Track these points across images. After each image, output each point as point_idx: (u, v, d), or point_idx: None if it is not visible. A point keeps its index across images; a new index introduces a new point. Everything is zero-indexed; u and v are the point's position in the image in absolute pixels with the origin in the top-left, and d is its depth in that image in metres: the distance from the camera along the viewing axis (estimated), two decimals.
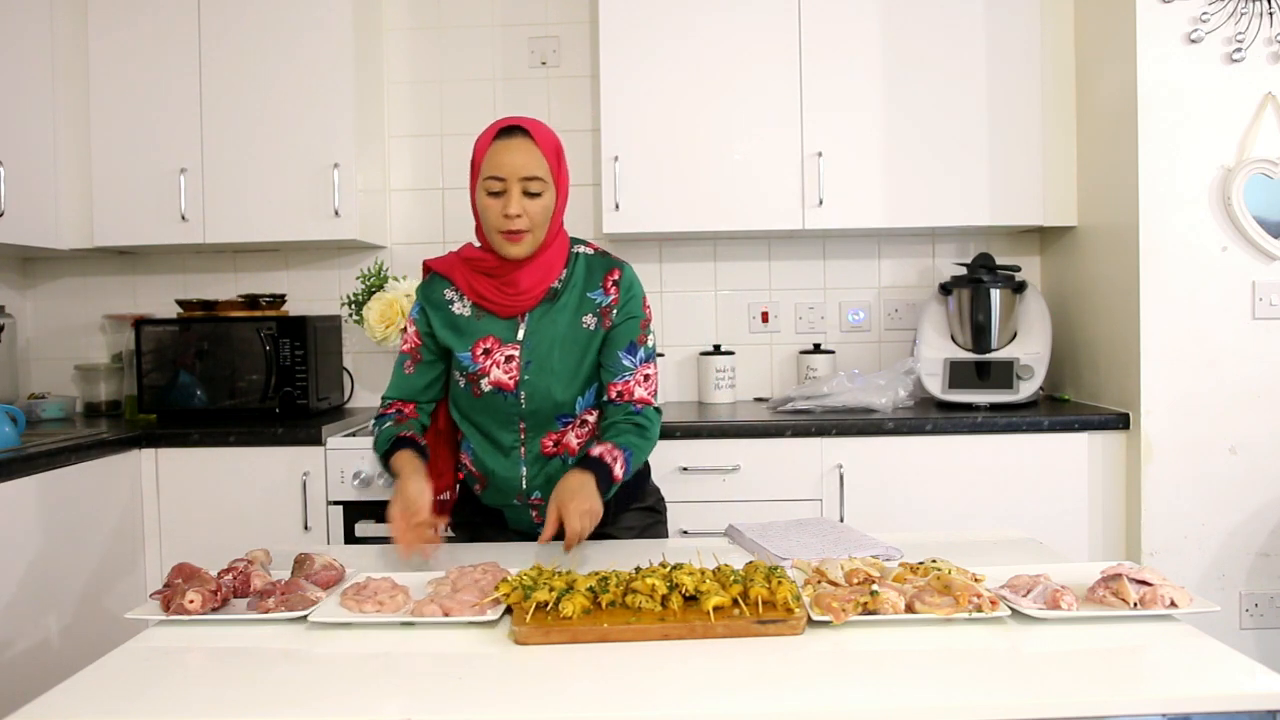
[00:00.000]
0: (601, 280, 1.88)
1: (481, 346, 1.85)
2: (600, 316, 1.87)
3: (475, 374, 1.85)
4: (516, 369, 1.84)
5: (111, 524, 2.65)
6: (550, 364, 1.84)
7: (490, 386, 1.84)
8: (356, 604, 1.40)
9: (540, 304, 1.86)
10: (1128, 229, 2.71)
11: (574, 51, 3.32)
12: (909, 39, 2.95)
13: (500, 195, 1.78)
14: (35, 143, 2.83)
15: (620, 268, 1.90)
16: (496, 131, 1.79)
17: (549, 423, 1.86)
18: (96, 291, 3.36)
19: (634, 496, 2.00)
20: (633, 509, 2.00)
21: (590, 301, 1.87)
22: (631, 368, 1.87)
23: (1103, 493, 2.74)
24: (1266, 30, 2.63)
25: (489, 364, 1.84)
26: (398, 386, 1.95)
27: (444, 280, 1.91)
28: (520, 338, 1.85)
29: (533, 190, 1.78)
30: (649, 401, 1.88)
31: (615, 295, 1.87)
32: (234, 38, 2.97)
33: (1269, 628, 2.68)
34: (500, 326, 1.86)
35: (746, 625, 1.32)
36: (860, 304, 3.33)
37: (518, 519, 1.94)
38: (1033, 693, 1.16)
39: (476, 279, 1.87)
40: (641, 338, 1.89)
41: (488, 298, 1.85)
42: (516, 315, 1.86)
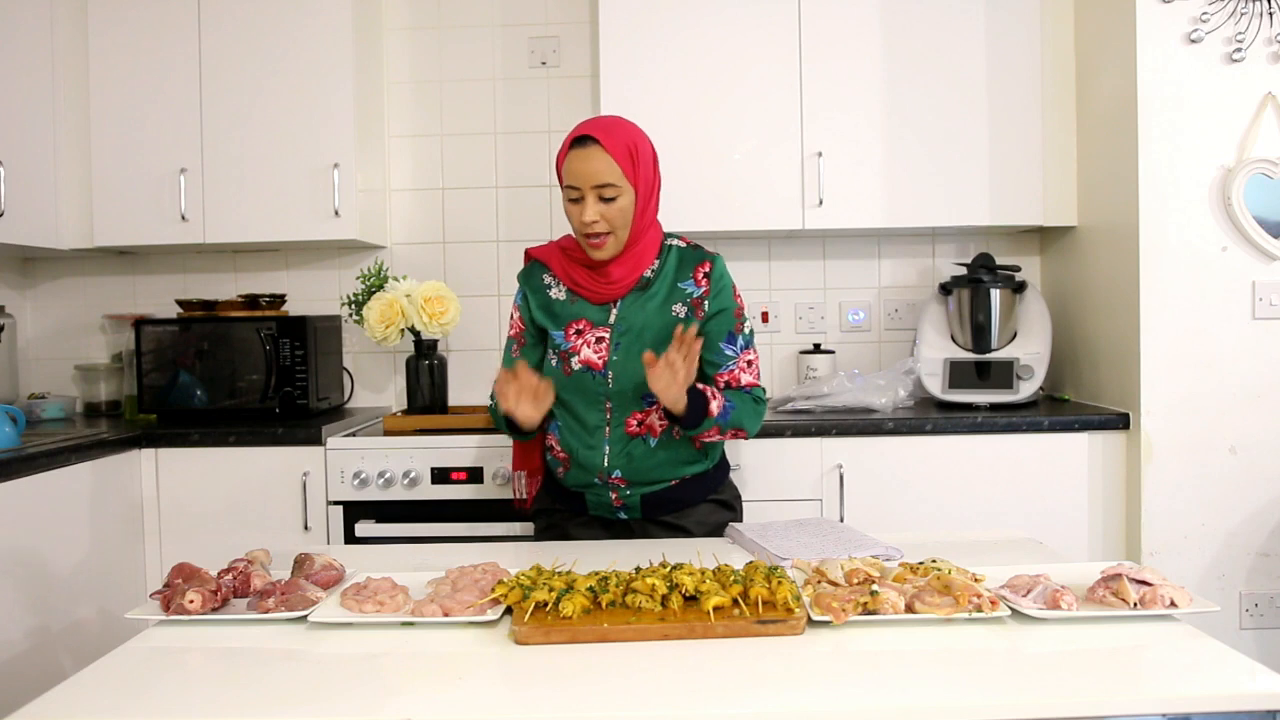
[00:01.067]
0: (692, 272, 1.98)
1: (574, 328, 1.97)
2: (691, 307, 1.97)
3: (567, 352, 1.95)
4: (606, 349, 1.94)
5: (111, 524, 2.65)
6: (638, 347, 1.92)
7: (580, 365, 1.94)
8: (357, 604, 1.40)
9: (631, 292, 1.96)
10: (1128, 229, 2.71)
11: (574, 51, 3.32)
12: (909, 39, 2.95)
13: (579, 202, 1.88)
14: (35, 143, 2.82)
15: (712, 260, 2.00)
16: (572, 141, 1.89)
17: (634, 402, 1.95)
18: (96, 291, 3.35)
19: (712, 488, 2.07)
20: (709, 500, 2.07)
21: (681, 291, 1.97)
22: (734, 356, 1.99)
23: (1103, 493, 2.74)
24: (1266, 30, 2.63)
25: (580, 343, 1.95)
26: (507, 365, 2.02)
27: (543, 266, 2.04)
28: (611, 321, 1.95)
29: (607, 196, 1.86)
30: (756, 384, 2.01)
31: (706, 287, 1.97)
32: (234, 38, 2.97)
33: (1269, 628, 2.68)
34: (593, 311, 1.97)
35: (746, 625, 1.32)
36: (860, 304, 3.33)
37: (598, 500, 2.01)
38: (1033, 693, 1.16)
39: (573, 267, 1.98)
40: (738, 326, 2.00)
41: (582, 284, 1.96)
42: (609, 302, 1.96)
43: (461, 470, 2.70)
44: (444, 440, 2.72)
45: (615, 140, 1.87)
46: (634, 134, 1.91)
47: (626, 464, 1.95)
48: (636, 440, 1.95)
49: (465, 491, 2.70)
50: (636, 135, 1.92)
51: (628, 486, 1.97)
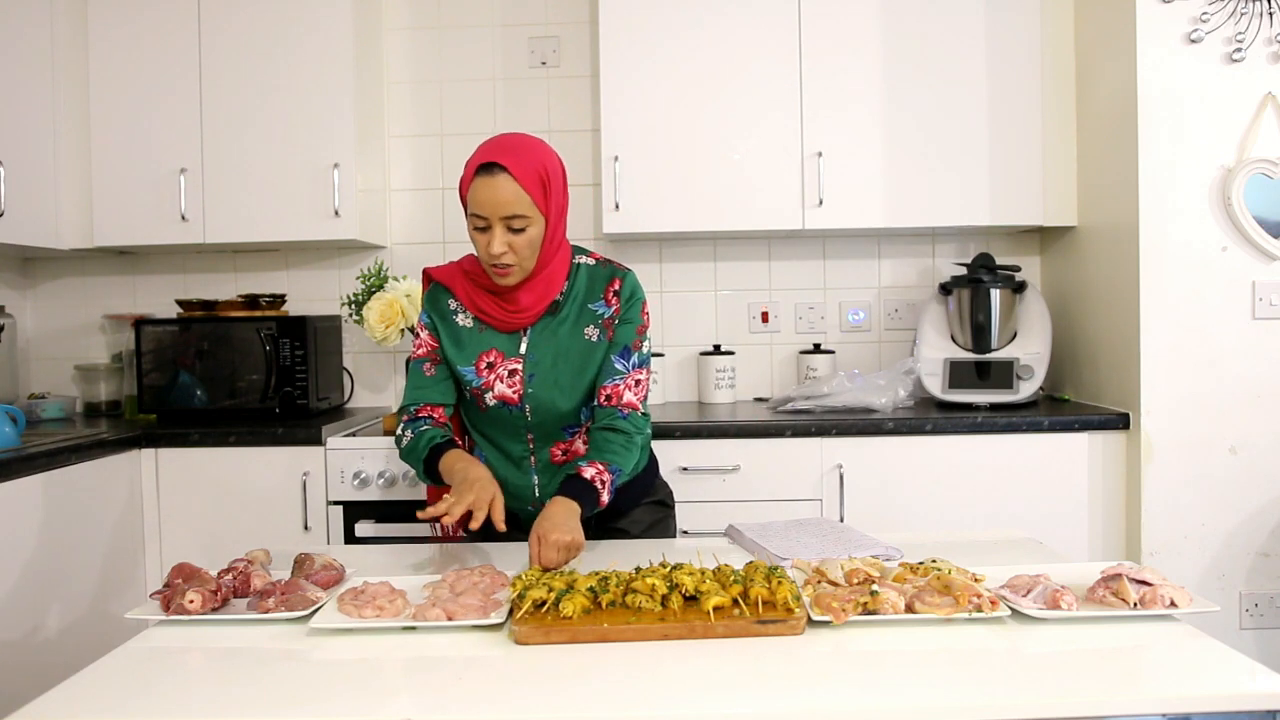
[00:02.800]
0: (603, 291, 1.87)
1: (485, 360, 1.85)
2: (603, 329, 1.87)
3: (479, 389, 1.86)
4: (520, 383, 1.84)
5: (111, 524, 2.65)
6: (553, 376, 1.84)
7: (495, 400, 1.85)
8: (356, 609, 1.40)
9: (541, 317, 1.85)
10: (1128, 229, 2.71)
11: (574, 51, 3.32)
12: (909, 39, 2.95)
13: (485, 231, 1.74)
14: (35, 143, 2.83)
15: (621, 277, 1.89)
16: (477, 167, 1.73)
17: (556, 433, 1.88)
18: (96, 291, 3.36)
19: (645, 491, 2.03)
20: (644, 504, 2.03)
21: (591, 313, 1.86)
22: (624, 371, 1.86)
23: (1103, 493, 2.74)
24: (1266, 30, 2.63)
25: (493, 378, 1.85)
26: (422, 389, 1.91)
27: (446, 291, 1.90)
28: (523, 351, 1.85)
29: (516, 226, 1.73)
30: (635, 407, 1.86)
31: (616, 305, 1.87)
32: (234, 38, 2.97)
33: (1269, 628, 2.68)
34: (502, 340, 1.86)
35: (746, 625, 1.32)
36: (860, 304, 3.33)
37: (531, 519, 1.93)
38: (1033, 693, 1.16)
39: (477, 294, 1.86)
40: (636, 343, 1.88)
41: (489, 313, 1.85)
42: (518, 329, 1.86)
43: None
44: None
45: (525, 167, 1.72)
46: (544, 157, 1.76)
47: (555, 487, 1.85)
48: (564, 467, 1.87)
49: None
50: (547, 158, 1.77)
51: None
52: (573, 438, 1.89)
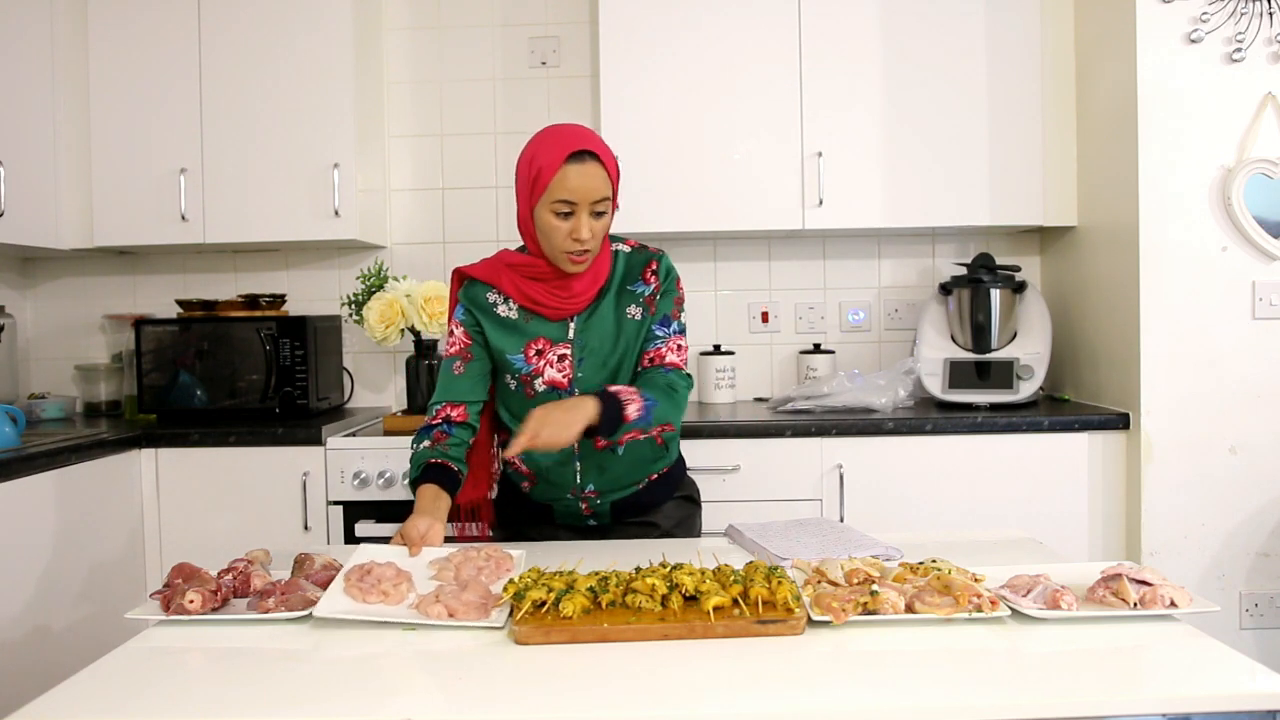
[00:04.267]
0: (641, 272, 1.93)
1: (534, 348, 1.88)
2: (645, 306, 1.92)
3: (529, 375, 1.88)
4: (570, 367, 1.88)
5: (111, 524, 2.65)
6: (602, 359, 1.88)
7: (545, 386, 1.88)
8: (361, 592, 1.41)
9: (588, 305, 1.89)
10: (1128, 229, 2.71)
11: (574, 51, 3.32)
12: (909, 39, 2.95)
13: (568, 217, 1.78)
14: (35, 143, 2.83)
15: (657, 259, 1.94)
16: (569, 154, 1.76)
17: None
18: (96, 291, 3.35)
19: (675, 485, 2.06)
20: (675, 498, 2.06)
21: (632, 294, 1.91)
22: (664, 336, 1.92)
23: (1103, 493, 2.74)
24: (1266, 30, 2.63)
25: (542, 364, 1.88)
26: (448, 389, 1.93)
27: (486, 286, 1.92)
28: (571, 336, 1.89)
29: (599, 211, 1.80)
30: (679, 366, 1.92)
31: (656, 283, 1.92)
32: (234, 38, 2.97)
33: (1269, 628, 2.68)
34: (551, 328, 1.89)
35: (746, 625, 1.32)
36: (860, 304, 3.33)
37: (566, 511, 1.98)
38: (1033, 693, 1.16)
39: (527, 284, 1.88)
40: (675, 312, 1.94)
41: (540, 301, 1.87)
42: (566, 317, 1.89)
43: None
44: None
45: (609, 158, 1.81)
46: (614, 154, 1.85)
47: (599, 477, 1.92)
48: (606, 452, 1.91)
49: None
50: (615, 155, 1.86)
51: (599, 497, 1.94)
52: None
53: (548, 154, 1.78)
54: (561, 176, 1.76)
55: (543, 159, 1.78)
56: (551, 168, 1.77)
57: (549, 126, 1.87)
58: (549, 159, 1.77)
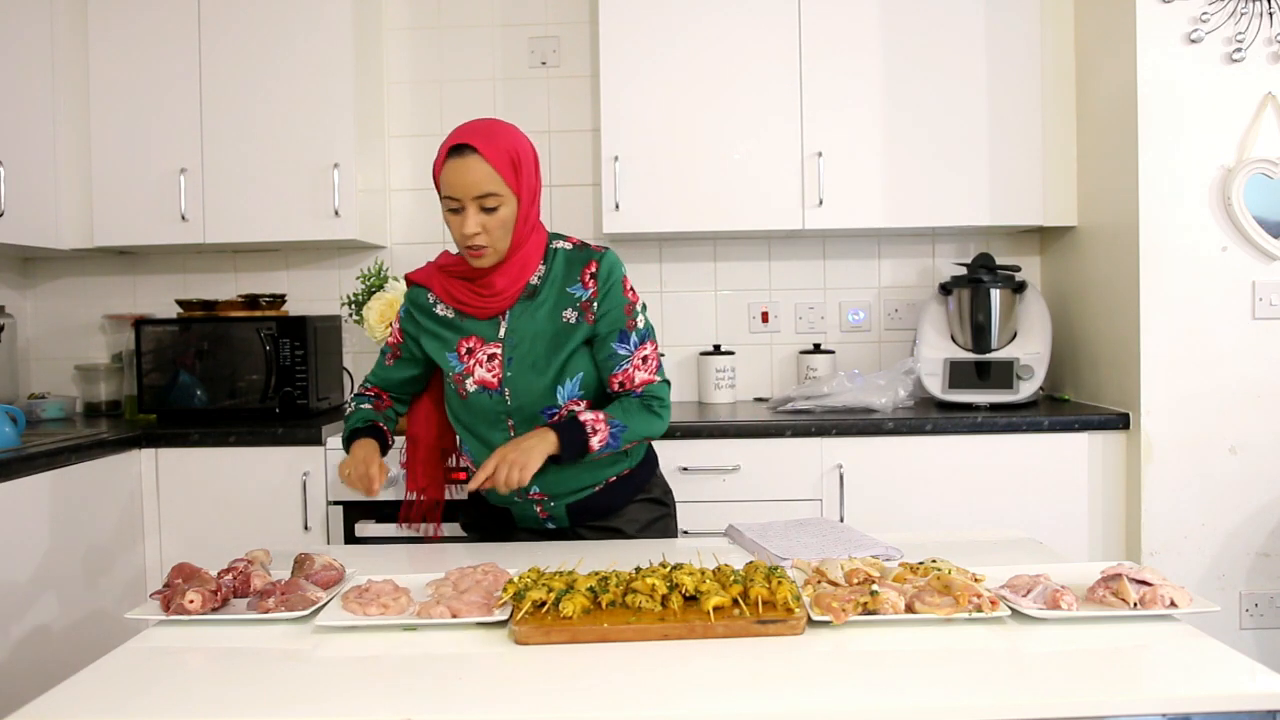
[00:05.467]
0: (579, 274, 1.87)
1: (465, 346, 1.88)
2: (581, 311, 1.86)
3: (461, 374, 1.87)
4: (499, 366, 1.86)
5: (111, 524, 2.65)
6: (531, 359, 1.85)
7: (475, 386, 1.87)
8: (360, 607, 1.40)
9: (519, 302, 1.87)
10: (1128, 229, 2.71)
11: (574, 51, 3.32)
12: (909, 39, 2.95)
13: (459, 213, 1.78)
14: (35, 143, 2.82)
15: (597, 259, 1.88)
16: (448, 150, 1.78)
17: (535, 418, 1.87)
18: (96, 291, 3.35)
19: (639, 488, 2.01)
20: (638, 500, 2.00)
21: (569, 296, 1.87)
22: (627, 355, 1.87)
23: (1103, 493, 2.74)
24: (1266, 30, 2.63)
25: (472, 363, 1.87)
26: (378, 375, 2.04)
27: (424, 289, 1.94)
28: (501, 335, 1.87)
29: (489, 206, 1.77)
30: (650, 382, 1.89)
31: (594, 288, 1.86)
32: (234, 38, 2.97)
33: (1269, 628, 2.68)
34: (482, 327, 1.88)
35: (746, 625, 1.32)
36: (860, 304, 3.33)
37: (523, 515, 1.96)
38: (1033, 693, 1.16)
39: (452, 284, 1.89)
40: (630, 323, 1.88)
41: (465, 301, 1.88)
42: (496, 315, 1.88)
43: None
44: None
45: (496, 148, 1.75)
46: (515, 139, 1.80)
47: (542, 479, 1.85)
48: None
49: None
50: (517, 140, 1.80)
51: (550, 499, 1.91)
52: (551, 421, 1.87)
53: (438, 154, 1.81)
54: (444, 173, 1.78)
55: (437, 157, 1.81)
56: (438, 167, 1.80)
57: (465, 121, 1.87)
58: (439, 157, 1.80)
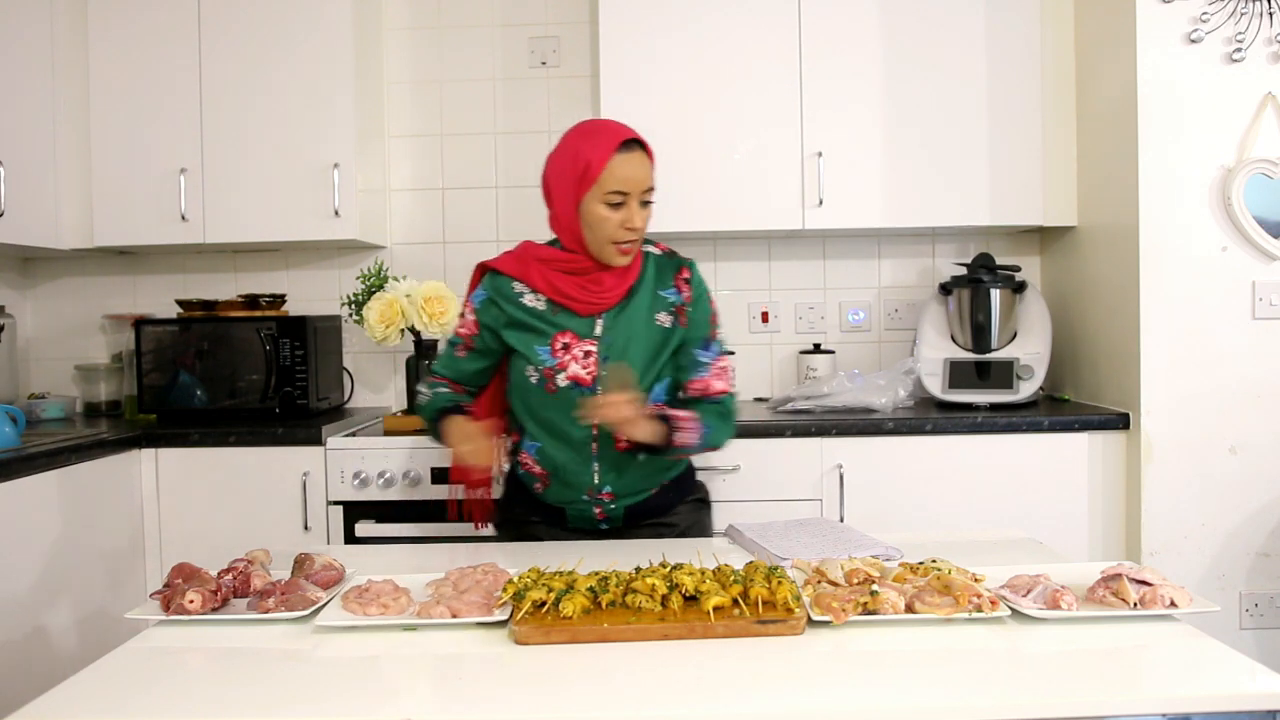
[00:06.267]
0: (673, 279, 1.94)
1: (560, 341, 1.88)
2: (675, 314, 1.93)
3: (553, 368, 1.87)
4: (594, 364, 1.87)
5: (111, 524, 2.65)
6: (627, 359, 1.88)
7: (567, 381, 1.87)
8: (360, 607, 1.40)
9: (619, 302, 1.90)
10: (1128, 229, 2.71)
11: (574, 51, 3.32)
12: (909, 39, 2.95)
13: (619, 207, 1.81)
14: (35, 143, 2.82)
15: (689, 265, 1.96)
16: (618, 145, 1.80)
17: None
18: (96, 291, 3.35)
19: (687, 490, 2.08)
20: (687, 502, 2.07)
21: (663, 299, 1.92)
22: (708, 363, 1.95)
23: (1103, 493, 2.74)
24: (1266, 30, 2.63)
25: (568, 359, 1.87)
26: (449, 366, 2.00)
27: (510, 278, 1.92)
28: (598, 333, 1.89)
29: (646, 200, 1.83)
30: (727, 391, 1.97)
31: (688, 293, 1.94)
32: (234, 38, 2.97)
33: (1269, 628, 2.68)
34: (578, 323, 1.89)
35: (746, 625, 1.32)
36: (860, 304, 3.33)
37: (580, 515, 1.97)
38: (1033, 693, 1.16)
39: (557, 277, 1.89)
40: (714, 332, 1.98)
41: (570, 295, 1.88)
42: (595, 314, 1.89)
43: None
44: None
45: (648, 146, 1.85)
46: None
47: (616, 479, 1.92)
48: (625, 455, 1.90)
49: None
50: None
51: (613, 500, 1.94)
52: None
53: (595, 147, 1.81)
54: (613, 166, 1.80)
55: (590, 152, 1.81)
56: (602, 160, 1.80)
57: (585, 122, 1.91)
58: (598, 152, 1.80)
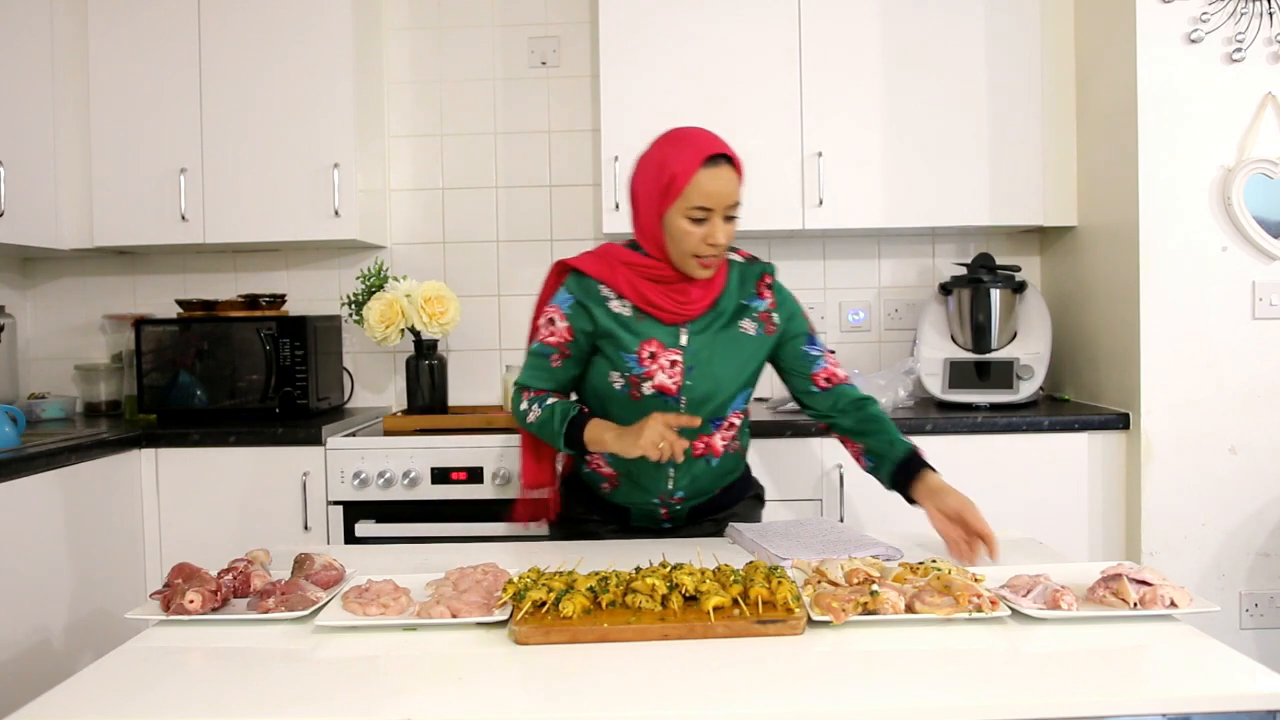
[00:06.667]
0: (755, 286, 1.92)
1: (647, 349, 1.85)
2: (760, 322, 1.91)
3: (639, 376, 1.85)
4: (680, 374, 1.85)
5: (111, 524, 2.65)
6: (712, 369, 1.86)
7: (652, 390, 1.85)
8: (360, 607, 1.40)
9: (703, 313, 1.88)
10: (1128, 229, 2.71)
11: (574, 51, 3.32)
12: (909, 39, 2.95)
13: (702, 222, 1.77)
14: (35, 143, 2.82)
15: (770, 271, 1.95)
16: (704, 159, 1.76)
17: (702, 426, 1.88)
18: (96, 291, 3.35)
19: (746, 487, 2.10)
20: (747, 498, 2.09)
21: (747, 308, 1.90)
22: (820, 354, 1.95)
23: (1103, 493, 2.74)
24: (1266, 30, 2.63)
25: (654, 368, 1.85)
26: (549, 379, 1.92)
27: (596, 280, 1.89)
28: (683, 343, 1.86)
29: (731, 215, 1.80)
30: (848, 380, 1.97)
31: (771, 298, 1.92)
32: (234, 38, 2.97)
33: (1269, 628, 2.68)
34: (663, 332, 1.86)
35: (746, 625, 1.32)
36: (860, 304, 3.33)
37: (645, 514, 1.97)
38: (1033, 693, 1.16)
39: (644, 285, 1.85)
40: (811, 327, 1.97)
41: (656, 304, 1.85)
42: (680, 323, 1.87)
43: (461, 470, 2.70)
44: (444, 440, 2.72)
45: (739, 162, 1.81)
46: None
47: (690, 484, 1.93)
48: (700, 461, 1.92)
49: (465, 491, 2.70)
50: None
51: (681, 503, 1.96)
52: (714, 431, 1.91)
53: (681, 159, 1.77)
54: (699, 180, 1.76)
55: (676, 164, 1.78)
56: (687, 174, 1.76)
57: (675, 130, 1.87)
58: (683, 164, 1.77)
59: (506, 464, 2.68)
